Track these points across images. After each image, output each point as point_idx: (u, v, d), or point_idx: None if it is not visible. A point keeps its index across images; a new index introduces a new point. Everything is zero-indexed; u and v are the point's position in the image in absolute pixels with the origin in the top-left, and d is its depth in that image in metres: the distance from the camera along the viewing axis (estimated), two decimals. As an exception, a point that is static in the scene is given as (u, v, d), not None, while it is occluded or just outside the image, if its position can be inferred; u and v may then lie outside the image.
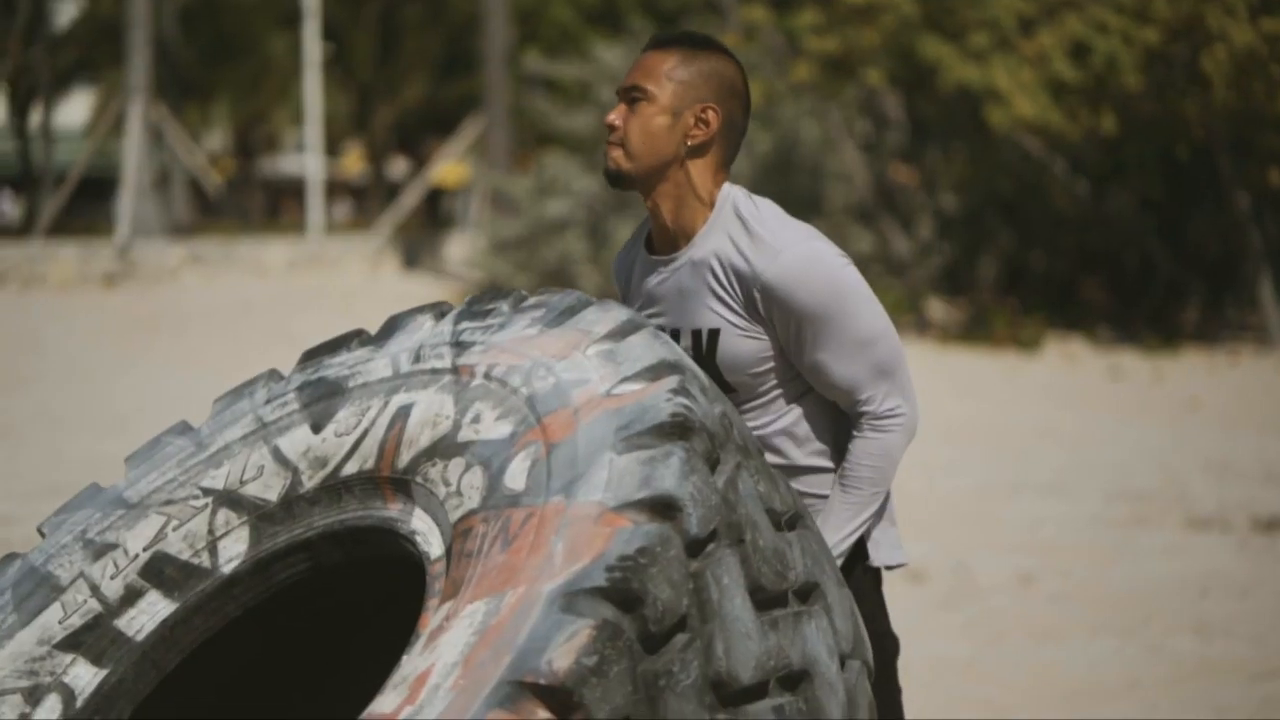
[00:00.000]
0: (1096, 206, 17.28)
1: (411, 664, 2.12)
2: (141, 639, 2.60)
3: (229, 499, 2.63)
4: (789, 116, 18.14)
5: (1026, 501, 8.39)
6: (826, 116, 18.22)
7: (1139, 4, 14.61)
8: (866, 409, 2.76)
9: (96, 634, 2.61)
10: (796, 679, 2.27)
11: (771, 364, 2.76)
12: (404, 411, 2.50)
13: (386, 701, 2.07)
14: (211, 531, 2.62)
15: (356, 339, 2.72)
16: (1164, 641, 5.77)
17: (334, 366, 2.68)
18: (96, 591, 2.63)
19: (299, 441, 2.61)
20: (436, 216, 39.61)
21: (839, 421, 2.82)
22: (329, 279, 23.21)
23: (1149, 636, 5.84)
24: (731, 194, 2.78)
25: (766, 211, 2.76)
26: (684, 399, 2.26)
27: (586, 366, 2.37)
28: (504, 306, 2.59)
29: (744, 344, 2.74)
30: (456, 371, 2.51)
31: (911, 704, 5.11)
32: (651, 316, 2.85)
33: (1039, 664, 5.55)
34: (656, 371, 2.32)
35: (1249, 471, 9.18)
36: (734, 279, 2.73)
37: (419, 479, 2.42)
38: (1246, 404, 12.13)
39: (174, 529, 2.64)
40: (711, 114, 2.76)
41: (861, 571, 2.84)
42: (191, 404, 8.32)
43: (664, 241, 2.83)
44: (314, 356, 2.74)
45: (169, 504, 2.67)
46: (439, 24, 36.18)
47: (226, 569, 2.60)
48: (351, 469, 2.53)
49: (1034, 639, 5.84)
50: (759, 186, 11.61)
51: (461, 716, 1.96)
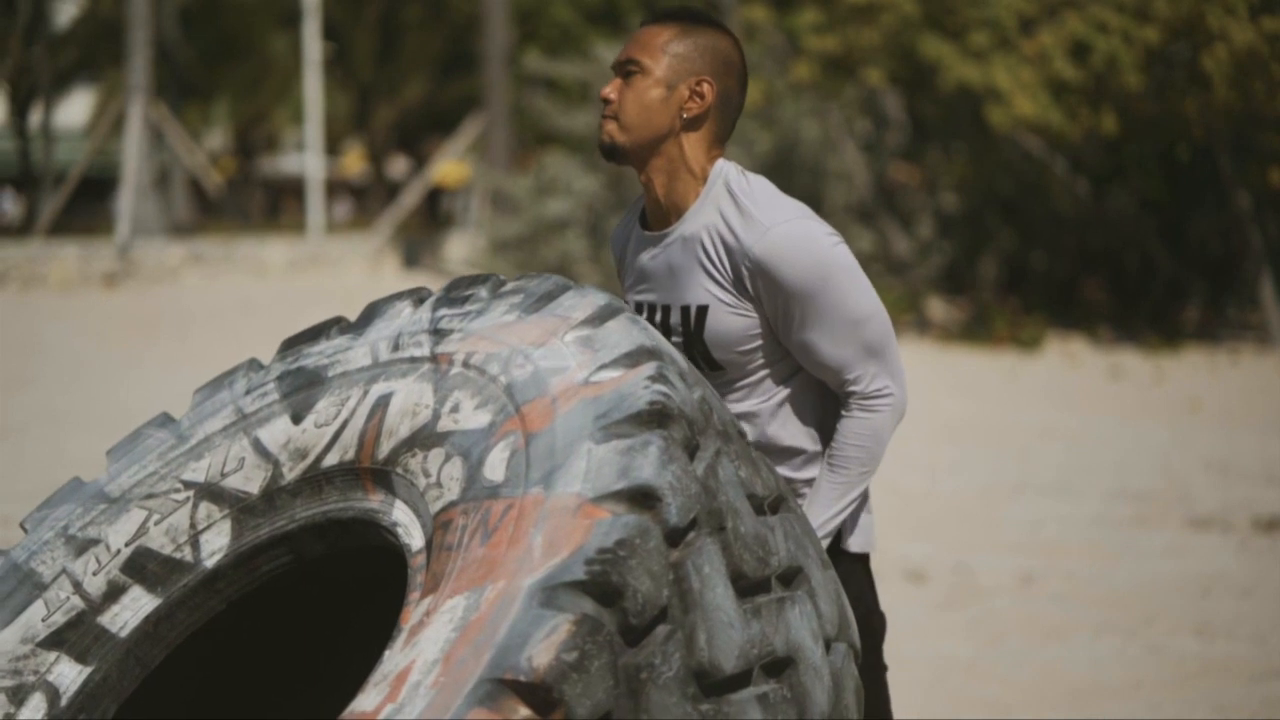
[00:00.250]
0: (1097, 206, 17.27)
1: (392, 661, 2.10)
2: (125, 635, 2.58)
3: (210, 492, 2.61)
4: (789, 116, 18.13)
5: (1028, 501, 8.38)
6: (827, 116, 18.21)
7: (1139, 3, 14.60)
8: (855, 389, 2.75)
9: (80, 631, 2.59)
10: (780, 666, 2.26)
11: (760, 342, 2.74)
12: (383, 401, 2.48)
13: (367, 700, 2.06)
14: (193, 525, 2.60)
15: (336, 326, 2.70)
16: (1166, 642, 5.77)
17: (313, 355, 2.66)
18: (79, 588, 2.61)
19: (279, 433, 2.59)
20: (437, 216, 39.62)
21: (828, 403, 2.81)
22: (329, 279, 23.20)
23: (1151, 637, 5.84)
24: (724, 170, 2.77)
25: (758, 187, 2.74)
26: (662, 386, 2.25)
27: (564, 354, 2.35)
28: (482, 292, 2.57)
29: (732, 321, 2.72)
30: (435, 360, 2.49)
31: (913, 704, 5.13)
32: (643, 292, 2.84)
33: (1041, 664, 5.54)
34: (634, 358, 2.30)
35: (1250, 471, 9.17)
36: (723, 254, 2.71)
37: (399, 470, 2.41)
38: (1248, 403, 12.13)
39: (155, 523, 2.62)
40: (706, 87, 2.75)
41: (848, 552, 2.84)
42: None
43: (657, 217, 2.82)
44: (293, 345, 2.72)
45: (150, 498, 2.65)
46: (439, 24, 36.20)
47: (209, 563, 2.59)
48: (332, 460, 2.51)
49: (1035, 639, 5.83)
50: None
51: (442, 715, 1.95)
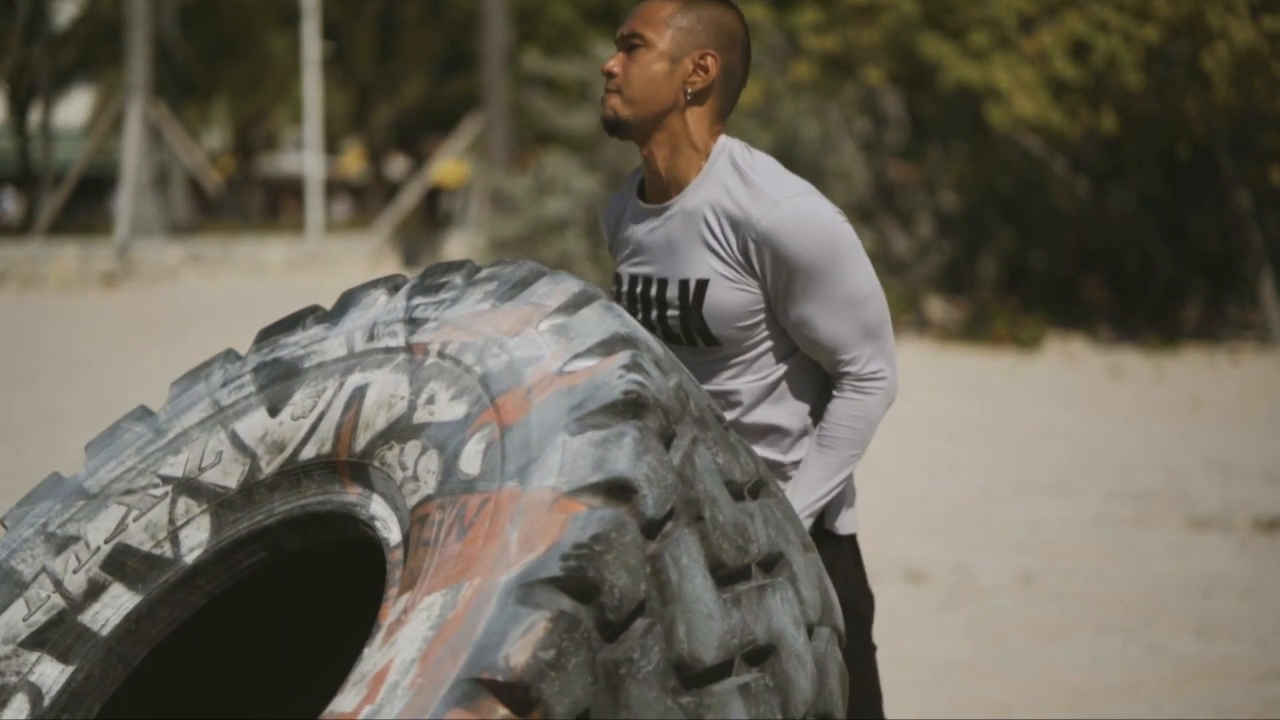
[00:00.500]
0: (1097, 205, 17.26)
1: (371, 660, 2.09)
2: (107, 634, 2.56)
3: (188, 487, 2.58)
4: (789, 115, 18.12)
5: (1027, 501, 8.37)
6: (826, 115, 18.20)
7: (1139, 2, 14.59)
8: (850, 369, 2.74)
9: (61, 630, 2.57)
10: (762, 654, 2.24)
11: (761, 318, 2.73)
12: (359, 393, 2.46)
13: (346, 700, 2.05)
14: (172, 521, 2.58)
15: (311, 316, 2.67)
16: (1166, 642, 5.76)
17: (289, 346, 2.63)
18: (60, 587, 2.59)
19: (256, 426, 2.57)
20: (436, 215, 39.61)
21: (821, 387, 2.80)
22: (328, 278, 23.19)
23: (1151, 637, 5.82)
24: (728, 145, 2.76)
25: (764, 163, 2.74)
26: (636, 375, 2.22)
27: (539, 343, 2.33)
28: (457, 279, 2.55)
29: (734, 296, 2.71)
30: (410, 350, 2.46)
31: (913, 704, 5.11)
32: (638, 264, 2.82)
33: (1041, 664, 5.53)
34: (609, 346, 2.28)
35: (1251, 471, 9.16)
36: (728, 228, 2.70)
37: (376, 463, 2.39)
38: (1248, 403, 12.11)
39: (134, 519, 2.60)
40: (710, 60, 2.74)
41: (834, 534, 2.83)
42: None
43: (656, 190, 2.81)
44: (270, 335, 2.69)
45: (129, 493, 2.62)
46: (438, 23, 36.21)
47: (189, 559, 2.56)
48: (309, 453, 2.48)
49: (1036, 639, 5.82)
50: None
51: (421, 716, 1.93)
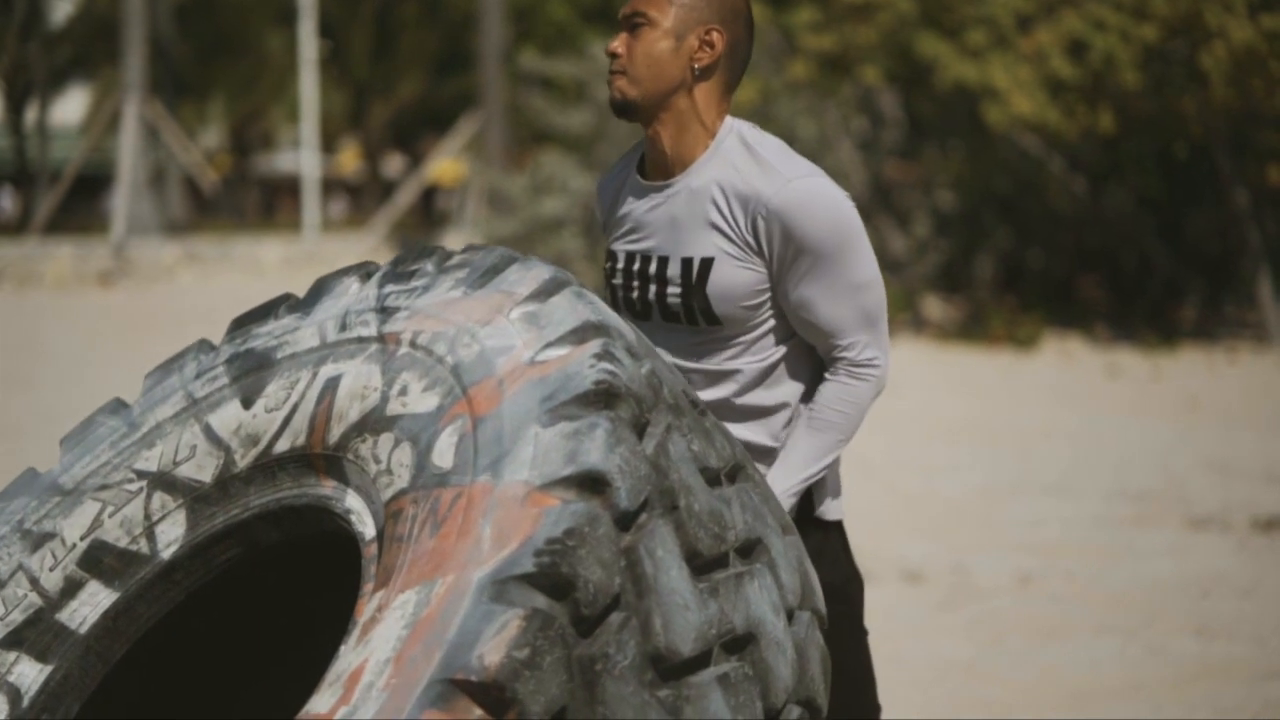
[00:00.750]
0: (1094, 204, 17.25)
1: (346, 659, 2.08)
2: (85, 632, 2.53)
3: (163, 481, 2.56)
4: (786, 114, 18.10)
5: (1026, 501, 8.36)
6: (823, 114, 18.19)
7: (1137, 1, 14.58)
8: (846, 355, 2.74)
9: (39, 629, 2.54)
10: (741, 643, 2.23)
11: (765, 298, 2.72)
12: (332, 384, 2.43)
13: (322, 701, 2.04)
14: (148, 516, 2.55)
15: (284, 305, 2.65)
16: (1166, 642, 5.74)
17: (262, 337, 2.61)
18: (36, 585, 2.57)
19: (230, 419, 2.54)
20: (432, 214, 39.60)
21: (817, 371, 2.79)
22: (325, 277, 23.11)
23: (1150, 637, 5.81)
24: (736, 125, 2.75)
25: (774, 143, 2.74)
26: (607, 364, 2.20)
27: (510, 332, 2.31)
28: (428, 266, 2.52)
29: (739, 274, 2.70)
30: (383, 340, 2.44)
31: (912, 705, 5.10)
32: (636, 241, 2.80)
33: (1040, 665, 5.52)
34: (580, 334, 2.26)
35: (1249, 471, 9.15)
36: (736, 205, 2.69)
37: (350, 456, 2.36)
38: (1246, 402, 12.10)
39: (110, 515, 2.57)
40: (716, 36, 2.72)
41: (822, 520, 2.82)
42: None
43: (659, 167, 2.78)
44: (242, 325, 2.67)
45: (104, 489, 2.60)
46: (435, 21, 36.20)
47: (165, 554, 2.54)
48: (284, 446, 2.46)
49: (1035, 640, 5.81)
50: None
51: (395, 717, 1.92)
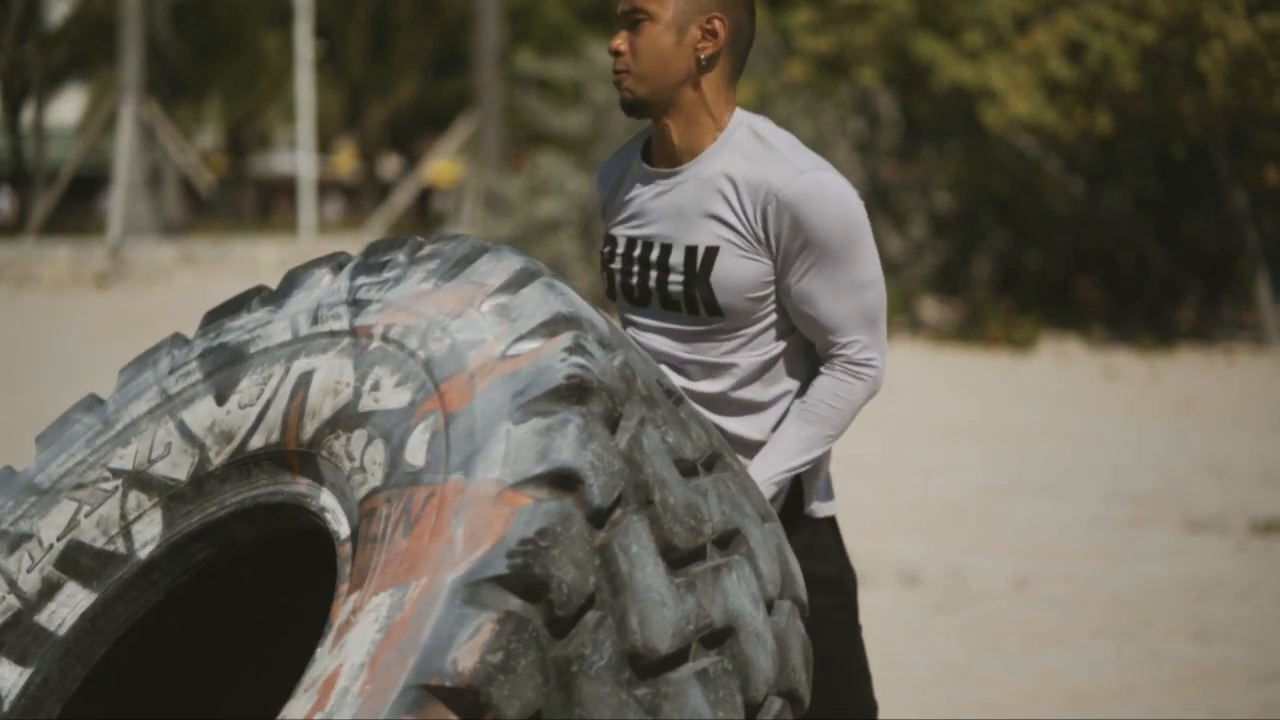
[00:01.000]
0: (1092, 205, 17.24)
1: (322, 663, 2.06)
2: (64, 633, 2.51)
3: (139, 480, 2.53)
4: (783, 116, 18.07)
5: (1023, 503, 8.34)
6: (820, 115, 18.18)
7: (1135, 2, 14.57)
8: (844, 352, 2.72)
9: (18, 632, 2.52)
10: (720, 637, 2.20)
11: (769, 291, 2.71)
12: (305, 379, 2.41)
13: (298, 707, 2.02)
14: (124, 516, 2.53)
15: (257, 298, 2.62)
16: (1163, 645, 5.72)
17: (235, 331, 2.58)
18: (14, 587, 2.54)
19: (204, 415, 2.51)
20: (428, 216, 39.57)
21: (814, 370, 2.78)
22: (321, 278, 23.08)
23: (1148, 640, 5.79)
24: (746, 118, 2.74)
25: (786, 136, 2.73)
26: (579, 358, 2.18)
27: (482, 325, 2.28)
28: (400, 257, 2.50)
29: (744, 265, 2.68)
30: (355, 334, 2.41)
31: (909, 708, 5.08)
32: (638, 227, 2.78)
33: (1037, 668, 5.50)
34: (552, 327, 2.23)
35: (1247, 472, 9.13)
36: (746, 196, 2.67)
37: (324, 453, 2.34)
38: (1244, 404, 12.09)
39: (86, 515, 2.55)
40: (718, 24, 2.69)
41: (814, 517, 2.80)
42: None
43: (666, 155, 2.76)
44: (215, 318, 2.64)
45: (80, 488, 2.57)
46: (431, 22, 36.19)
47: (142, 554, 2.51)
48: (258, 443, 2.43)
49: (1032, 642, 5.79)
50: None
51: None
